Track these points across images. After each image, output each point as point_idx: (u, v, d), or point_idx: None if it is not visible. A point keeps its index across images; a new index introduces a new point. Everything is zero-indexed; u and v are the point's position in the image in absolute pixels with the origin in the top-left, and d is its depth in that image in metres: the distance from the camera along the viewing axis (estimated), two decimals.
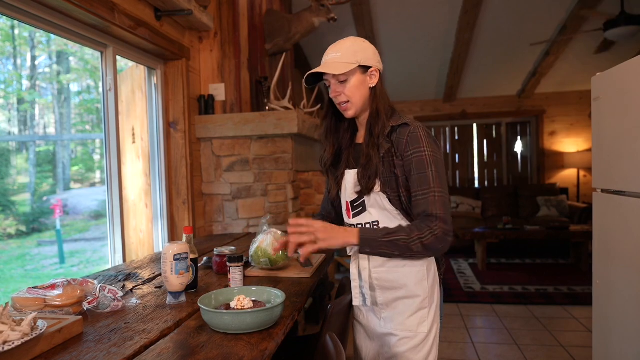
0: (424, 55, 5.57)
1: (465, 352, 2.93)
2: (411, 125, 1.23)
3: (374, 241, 1.17)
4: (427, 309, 1.28)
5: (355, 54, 1.24)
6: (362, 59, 1.25)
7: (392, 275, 1.28)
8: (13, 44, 7.83)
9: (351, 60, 1.24)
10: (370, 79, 1.28)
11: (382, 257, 1.23)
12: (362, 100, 1.28)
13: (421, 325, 1.27)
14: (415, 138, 1.21)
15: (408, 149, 1.21)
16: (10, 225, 7.20)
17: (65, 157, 8.51)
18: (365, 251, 1.20)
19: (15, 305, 1.12)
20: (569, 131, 6.61)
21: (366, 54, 1.26)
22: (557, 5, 4.65)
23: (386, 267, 1.28)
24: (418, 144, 1.20)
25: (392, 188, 1.23)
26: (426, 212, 1.17)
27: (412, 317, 1.27)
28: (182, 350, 0.96)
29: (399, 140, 1.23)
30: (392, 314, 1.29)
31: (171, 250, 1.26)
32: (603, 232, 1.98)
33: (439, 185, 1.18)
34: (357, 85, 1.26)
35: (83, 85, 9.16)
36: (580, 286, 4.24)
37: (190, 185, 2.73)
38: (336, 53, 1.26)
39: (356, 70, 1.25)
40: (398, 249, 1.17)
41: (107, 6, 1.97)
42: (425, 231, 1.15)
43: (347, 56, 1.24)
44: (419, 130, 1.22)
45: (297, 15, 3.33)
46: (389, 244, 1.17)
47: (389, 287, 1.29)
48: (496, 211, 6.22)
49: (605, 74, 1.95)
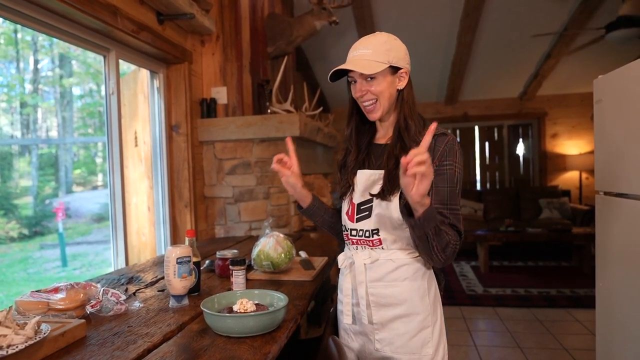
0: (426, 58, 5.57)
1: (468, 354, 2.92)
2: (449, 135, 1.18)
3: (434, 220, 1.04)
4: (430, 328, 1.19)
5: (388, 53, 1.15)
6: (393, 59, 1.16)
7: (389, 290, 1.20)
8: (16, 47, 7.87)
9: (383, 59, 1.14)
10: (399, 80, 1.20)
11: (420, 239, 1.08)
12: (389, 102, 1.20)
13: (425, 346, 1.18)
14: (453, 150, 1.16)
15: (444, 158, 1.15)
16: (13, 228, 7.21)
17: (67, 160, 8.52)
18: (420, 220, 1.03)
19: (19, 309, 1.13)
20: (570, 133, 6.60)
21: (398, 54, 1.17)
22: (559, 8, 4.65)
23: (384, 281, 1.20)
24: (453, 157, 1.16)
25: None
26: (456, 227, 1.13)
27: (415, 337, 1.18)
28: (185, 354, 0.96)
29: (436, 148, 1.16)
30: (390, 335, 1.20)
31: (174, 254, 1.26)
32: (606, 235, 1.98)
33: (459, 203, 1.16)
34: (385, 86, 1.18)
35: (85, 88, 9.19)
36: (583, 289, 4.23)
37: (192, 188, 2.74)
38: (366, 49, 1.16)
39: (386, 71, 1.17)
40: (438, 242, 1.07)
41: (110, 10, 1.98)
42: (453, 240, 1.11)
43: (379, 54, 1.15)
44: (455, 144, 1.17)
45: (299, 19, 3.34)
46: (438, 231, 1.06)
47: (385, 304, 1.20)
48: (498, 213, 6.21)
49: (607, 76, 1.95)
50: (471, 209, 6.29)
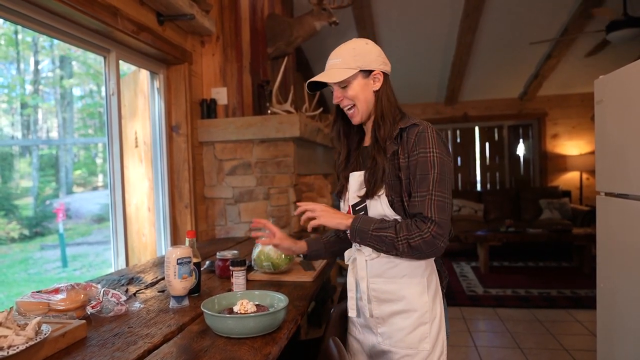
0: (426, 58, 5.57)
1: (468, 355, 2.91)
2: (420, 125, 1.19)
3: (364, 232, 1.19)
4: (427, 324, 1.21)
5: (355, 59, 1.21)
6: (362, 64, 1.22)
7: (389, 287, 1.23)
8: (16, 48, 7.87)
9: (351, 66, 1.21)
10: (374, 82, 1.24)
11: (371, 248, 1.23)
12: (366, 104, 1.25)
13: (423, 342, 1.21)
14: (423, 138, 1.17)
15: (415, 148, 1.17)
16: (13, 229, 7.21)
17: (67, 161, 8.53)
18: (355, 240, 1.22)
19: (20, 310, 1.13)
20: (571, 134, 6.60)
21: (367, 58, 1.22)
22: (559, 8, 4.65)
23: (384, 277, 1.24)
24: (425, 145, 1.16)
25: (396, 192, 1.20)
26: (422, 215, 1.13)
27: (412, 333, 1.21)
28: (186, 355, 0.96)
29: (408, 140, 1.19)
30: (389, 330, 1.24)
31: (174, 255, 1.26)
32: (607, 235, 1.98)
33: (439, 189, 1.14)
34: (358, 89, 1.23)
35: (85, 89, 9.20)
36: (584, 289, 4.23)
37: (192, 189, 2.74)
38: (337, 59, 1.24)
39: (357, 75, 1.23)
40: (385, 245, 1.17)
41: (110, 11, 1.98)
42: (414, 232, 1.13)
43: (347, 61, 1.22)
44: (427, 131, 1.17)
45: (299, 19, 3.34)
46: (377, 238, 1.17)
47: (385, 300, 1.24)
48: (498, 214, 6.21)
49: (608, 76, 1.95)
50: (471, 210, 6.28)
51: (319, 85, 1.30)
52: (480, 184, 7.11)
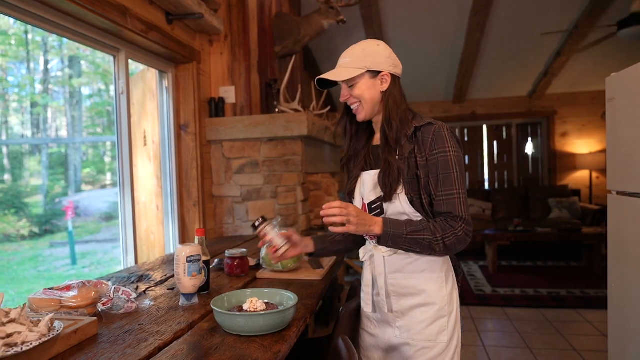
0: (433, 57, 5.54)
1: (477, 355, 2.90)
2: (435, 124, 1.22)
3: (397, 237, 1.18)
4: (446, 317, 1.24)
5: (364, 59, 1.24)
6: (371, 64, 1.24)
7: (409, 281, 1.25)
8: (27, 48, 7.96)
9: (359, 66, 1.24)
10: (382, 83, 1.27)
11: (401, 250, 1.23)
12: (371, 103, 1.27)
13: (441, 334, 1.23)
14: (441, 137, 1.20)
15: (433, 147, 1.20)
16: (24, 226, 7.30)
17: (76, 160, 8.61)
18: (388, 245, 1.20)
19: (32, 306, 1.14)
20: (580, 132, 6.53)
21: (376, 58, 1.25)
22: (569, 5, 4.60)
23: (403, 272, 1.26)
24: (443, 144, 1.19)
25: (414, 190, 1.21)
26: (452, 214, 1.17)
27: (431, 326, 1.23)
28: (196, 352, 0.97)
29: (424, 139, 1.21)
30: (408, 322, 1.25)
31: (184, 252, 1.27)
32: (618, 235, 1.96)
33: (462, 187, 1.18)
34: (364, 89, 1.26)
35: (94, 88, 9.27)
36: (594, 289, 4.18)
37: (200, 187, 2.75)
38: (346, 58, 1.27)
39: (364, 75, 1.25)
40: (420, 247, 1.18)
41: (120, 10, 1.99)
42: (449, 232, 1.16)
43: (356, 61, 1.25)
44: (443, 130, 1.21)
45: (306, 18, 3.33)
46: (412, 241, 1.17)
47: (405, 294, 1.26)
48: (507, 213, 6.17)
49: (620, 74, 1.93)
50: (479, 209, 6.25)
51: (328, 83, 1.31)
52: (488, 182, 7.07)
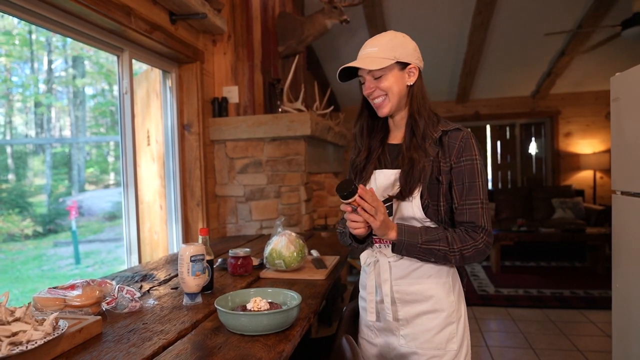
0: (437, 56, 5.53)
1: (480, 355, 2.89)
2: (464, 130, 1.19)
3: (412, 246, 1.13)
4: (455, 323, 1.20)
5: (393, 49, 1.17)
6: (400, 55, 1.18)
7: (414, 287, 1.20)
8: (30, 48, 7.99)
9: (388, 56, 1.17)
10: (409, 76, 1.21)
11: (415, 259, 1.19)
12: (398, 97, 1.21)
13: (450, 342, 1.19)
14: (469, 145, 1.16)
15: (461, 154, 1.16)
16: (28, 226, 7.33)
17: (80, 159, 8.63)
18: (401, 253, 1.16)
19: (36, 305, 1.14)
20: (584, 132, 6.50)
21: (405, 50, 1.19)
22: (573, 4, 4.59)
23: (409, 278, 1.20)
24: (471, 152, 1.16)
25: (432, 196, 1.17)
26: (474, 224, 1.14)
27: (440, 333, 1.18)
28: (200, 351, 0.97)
29: (450, 145, 1.17)
30: (415, 331, 1.20)
31: (188, 252, 1.27)
32: (623, 235, 1.95)
33: (486, 197, 1.16)
34: (393, 81, 1.19)
35: (98, 88, 9.30)
36: (597, 290, 4.16)
37: (204, 187, 2.75)
38: (373, 47, 1.19)
39: (393, 66, 1.18)
40: (434, 257, 1.15)
41: (124, 11, 2.00)
42: (468, 243, 1.13)
43: (385, 51, 1.17)
44: (470, 137, 1.18)
45: (310, 18, 3.34)
46: (427, 251, 1.14)
47: (410, 301, 1.20)
48: (510, 213, 6.15)
49: (624, 74, 1.92)
50: None
51: (348, 76, 1.25)
52: (491, 182, 7.05)
